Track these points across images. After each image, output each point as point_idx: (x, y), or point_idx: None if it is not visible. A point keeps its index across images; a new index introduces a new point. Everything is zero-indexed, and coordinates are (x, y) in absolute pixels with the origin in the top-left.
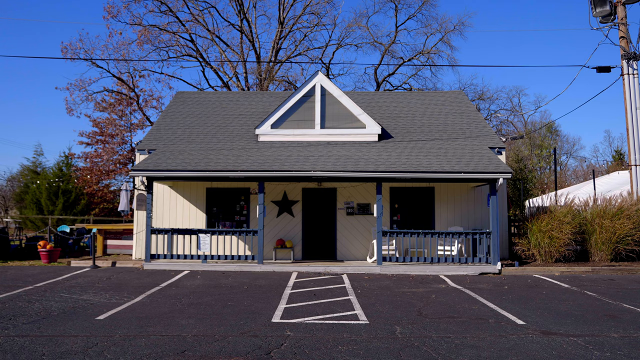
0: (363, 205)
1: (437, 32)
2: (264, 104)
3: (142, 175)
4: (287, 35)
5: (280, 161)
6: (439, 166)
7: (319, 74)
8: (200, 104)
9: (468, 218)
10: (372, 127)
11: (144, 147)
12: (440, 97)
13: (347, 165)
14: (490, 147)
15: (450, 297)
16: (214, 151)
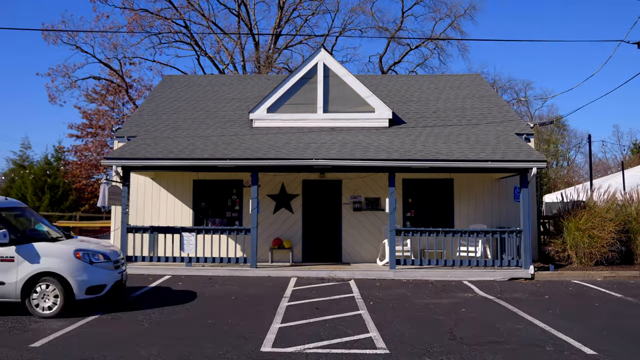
0: (372, 199)
1: (446, 17)
2: (260, 88)
3: (116, 164)
4: (288, 21)
5: (277, 148)
6: (461, 154)
7: (322, 51)
8: (190, 88)
9: (492, 214)
10: (382, 111)
11: (123, 134)
12: (456, 80)
13: (354, 152)
14: (516, 133)
15: (483, 310)
16: (201, 138)
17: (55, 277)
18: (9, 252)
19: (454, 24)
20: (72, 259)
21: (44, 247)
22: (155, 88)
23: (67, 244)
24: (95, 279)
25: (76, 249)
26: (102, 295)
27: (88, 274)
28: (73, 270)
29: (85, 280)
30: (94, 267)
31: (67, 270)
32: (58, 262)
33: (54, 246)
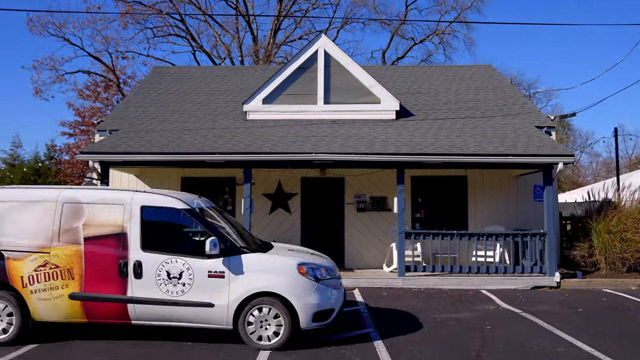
0: (378, 198)
1: (452, 10)
2: (256, 79)
3: (93, 159)
4: (287, 14)
5: (273, 142)
6: (478, 147)
7: (322, 37)
8: (181, 79)
9: (508, 215)
10: (389, 102)
11: (105, 127)
12: (467, 71)
13: (358, 146)
14: (536, 126)
15: (511, 327)
16: (190, 131)
17: (275, 298)
18: (219, 266)
19: (460, 17)
20: (295, 276)
21: (258, 260)
22: (143, 79)
23: (284, 255)
24: (323, 302)
25: (299, 263)
26: (328, 323)
27: (315, 295)
28: (298, 291)
29: (313, 303)
30: (321, 285)
31: (290, 291)
32: (279, 279)
33: (269, 259)
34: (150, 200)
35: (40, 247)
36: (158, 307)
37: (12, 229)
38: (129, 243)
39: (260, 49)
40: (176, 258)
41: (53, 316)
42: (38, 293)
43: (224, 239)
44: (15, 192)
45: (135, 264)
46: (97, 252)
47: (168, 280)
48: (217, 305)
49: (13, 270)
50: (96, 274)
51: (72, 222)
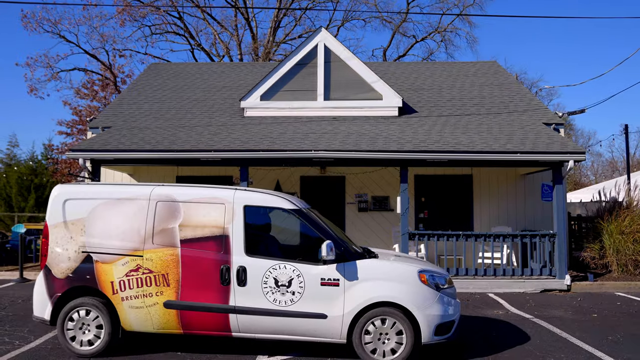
0: (380, 198)
1: (453, 7)
2: (255, 76)
3: (84, 157)
4: (287, 11)
5: (271, 139)
6: (484, 145)
7: (322, 31)
8: (177, 76)
9: (515, 215)
10: (391, 98)
11: (98, 124)
12: (471, 67)
13: (360, 143)
14: (544, 122)
15: (524, 335)
16: (185, 128)
17: (395, 309)
18: (332, 272)
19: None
20: (417, 284)
21: (375, 267)
22: (139, 76)
23: (401, 261)
24: (445, 314)
25: (420, 270)
26: (449, 337)
27: (437, 306)
28: (420, 301)
29: (435, 315)
30: (442, 295)
31: (411, 301)
32: (399, 288)
33: (388, 265)
34: (254, 200)
35: (132, 249)
36: (263, 318)
37: (101, 229)
38: (231, 246)
39: (260, 47)
40: (285, 264)
41: (145, 326)
42: (130, 300)
43: (337, 243)
44: (103, 189)
45: (238, 270)
46: (196, 256)
47: (276, 288)
48: (331, 316)
49: (102, 275)
50: (194, 280)
51: (167, 223)
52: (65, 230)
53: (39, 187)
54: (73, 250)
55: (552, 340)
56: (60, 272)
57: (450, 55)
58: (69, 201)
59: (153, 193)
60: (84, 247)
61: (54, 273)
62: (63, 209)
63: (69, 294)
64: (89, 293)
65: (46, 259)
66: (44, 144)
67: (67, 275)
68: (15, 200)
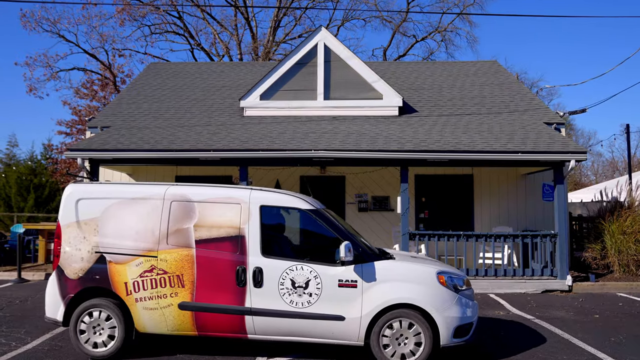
0: (380, 198)
1: (454, 7)
2: (254, 75)
3: (82, 156)
4: (287, 11)
5: (271, 139)
6: (485, 144)
7: (322, 30)
8: (177, 75)
9: (516, 215)
10: (392, 98)
11: (96, 123)
12: (471, 67)
13: (360, 143)
14: (545, 122)
15: (526, 337)
16: (184, 128)
17: (414, 311)
18: (350, 274)
19: (463, 14)
20: (435, 286)
21: (392, 268)
22: (138, 75)
23: (419, 263)
24: (463, 316)
25: (439, 271)
26: (467, 339)
27: (456, 307)
28: (438, 302)
29: (454, 317)
30: (461, 297)
31: (430, 302)
32: (417, 289)
33: (406, 266)
34: (271, 200)
35: (146, 250)
36: (280, 320)
37: (114, 229)
38: (247, 247)
39: (260, 46)
40: (302, 265)
41: (159, 328)
42: (144, 302)
43: (355, 244)
44: (117, 188)
45: (255, 271)
46: (211, 256)
47: (292, 289)
48: (348, 318)
49: (116, 276)
50: (209, 281)
51: (181, 223)
52: (78, 230)
53: (38, 187)
54: (86, 250)
55: (554, 341)
56: (73, 273)
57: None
58: (82, 200)
59: (167, 192)
60: (97, 248)
61: (67, 274)
62: (76, 209)
63: (82, 294)
64: (103, 294)
65: (59, 260)
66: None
67: (80, 276)
68: (14, 200)
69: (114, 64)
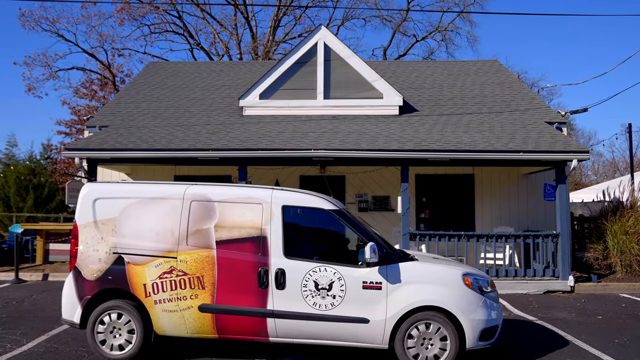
0: (380, 198)
1: (454, 6)
2: (254, 75)
3: (80, 156)
4: (287, 10)
5: (270, 138)
6: (486, 144)
7: (322, 29)
8: (175, 75)
9: (517, 215)
10: (392, 97)
11: (95, 123)
12: (472, 66)
13: (360, 142)
14: (547, 121)
15: (529, 339)
16: (183, 127)
17: (440, 313)
18: (375, 275)
19: (464, 13)
20: (461, 288)
21: (417, 270)
22: (137, 75)
23: (443, 264)
24: (489, 318)
25: (464, 273)
26: (493, 342)
27: (482, 310)
28: (464, 305)
29: (480, 319)
30: (486, 299)
31: (456, 305)
32: (443, 291)
33: (431, 268)
34: (293, 199)
35: (165, 250)
36: (303, 322)
37: (133, 230)
38: (270, 248)
39: (260, 46)
40: (325, 266)
41: (179, 331)
42: (163, 304)
43: (379, 245)
44: (135, 188)
45: (277, 273)
46: (232, 258)
47: (316, 291)
48: (373, 321)
49: (134, 277)
50: (231, 283)
51: (201, 223)
52: (95, 230)
53: (37, 187)
54: (104, 251)
55: (557, 343)
56: (90, 274)
57: (451, 54)
58: (99, 200)
59: (187, 192)
60: (115, 248)
61: (84, 275)
62: (93, 209)
63: (100, 296)
64: (121, 296)
65: (75, 260)
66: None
67: (97, 277)
68: (13, 200)
69: (113, 64)
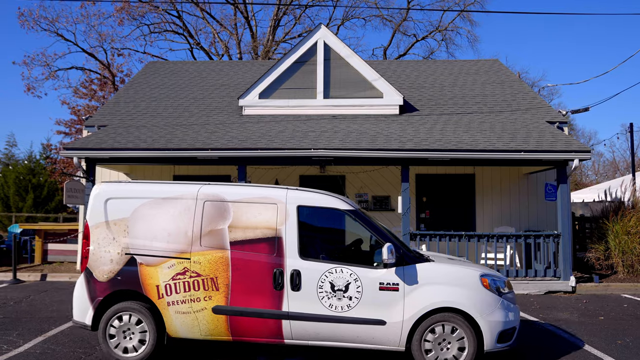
0: (381, 198)
1: (454, 6)
2: (253, 74)
3: (78, 155)
4: (287, 10)
5: (269, 137)
6: (487, 143)
7: (322, 28)
8: (175, 74)
9: (519, 215)
10: (392, 96)
11: (94, 122)
12: (472, 65)
13: (360, 142)
14: (548, 121)
15: (533, 340)
16: (182, 127)
17: (457, 315)
18: (392, 277)
19: (464, 13)
20: (479, 289)
21: (434, 271)
22: (136, 74)
23: (460, 265)
24: (507, 320)
25: (482, 274)
26: (510, 344)
27: (500, 311)
28: (482, 306)
29: (498, 321)
30: (504, 300)
31: (474, 306)
32: (460, 292)
33: (448, 269)
34: (308, 200)
35: (178, 251)
36: (318, 324)
37: (145, 230)
38: (285, 249)
39: (260, 46)
40: (341, 267)
41: (192, 332)
42: (176, 305)
43: (396, 246)
44: (147, 187)
45: (292, 274)
46: (246, 259)
47: (332, 293)
48: (390, 322)
49: (147, 278)
50: (245, 284)
51: (215, 224)
52: (107, 231)
53: (36, 187)
54: (116, 252)
55: (560, 344)
56: (102, 275)
57: (451, 54)
58: (111, 200)
59: (200, 192)
60: (128, 249)
61: (96, 276)
62: (105, 209)
63: (112, 298)
64: (133, 297)
65: (87, 261)
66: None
67: (109, 278)
68: (12, 200)
69: (112, 63)
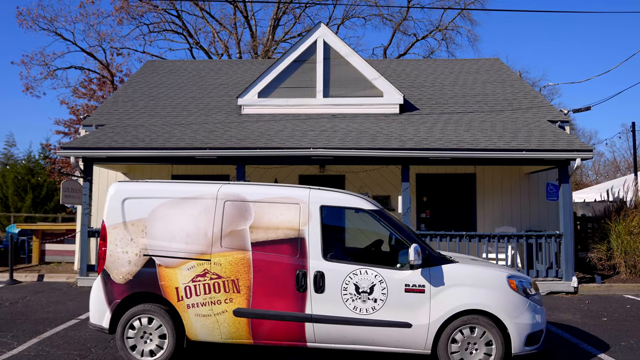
0: (381, 198)
1: (455, 5)
2: (253, 73)
3: (75, 155)
4: (286, 9)
5: (268, 137)
6: (488, 142)
7: (322, 27)
8: (174, 73)
9: (520, 215)
10: (392, 95)
11: (91, 122)
12: (473, 65)
13: (360, 141)
14: (549, 120)
15: None
16: (180, 126)
17: (485, 317)
18: (417, 278)
19: (464, 12)
20: (506, 291)
21: (461, 272)
22: (135, 73)
23: (486, 266)
24: (535, 322)
25: (509, 275)
26: (538, 347)
27: (527, 314)
28: (510, 308)
29: (526, 324)
30: (531, 302)
31: (501, 308)
32: (487, 294)
33: (475, 270)
34: (331, 199)
35: (198, 252)
36: (342, 327)
37: (164, 231)
38: (308, 250)
39: (259, 45)
40: (365, 268)
41: (213, 336)
42: (196, 308)
43: (422, 247)
44: (166, 187)
45: (316, 275)
46: (268, 260)
47: (356, 295)
48: (415, 325)
49: (166, 280)
50: (267, 286)
51: (236, 224)
52: (125, 231)
53: (35, 187)
54: (134, 253)
55: (562, 346)
56: (120, 277)
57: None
58: (128, 200)
59: (220, 192)
60: (146, 250)
61: (113, 278)
62: (122, 209)
63: (130, 300)
64: (151, 299)
65: (104, 262)
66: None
67: (127, 280)
68: (11, 200)
69: (112, 63)
